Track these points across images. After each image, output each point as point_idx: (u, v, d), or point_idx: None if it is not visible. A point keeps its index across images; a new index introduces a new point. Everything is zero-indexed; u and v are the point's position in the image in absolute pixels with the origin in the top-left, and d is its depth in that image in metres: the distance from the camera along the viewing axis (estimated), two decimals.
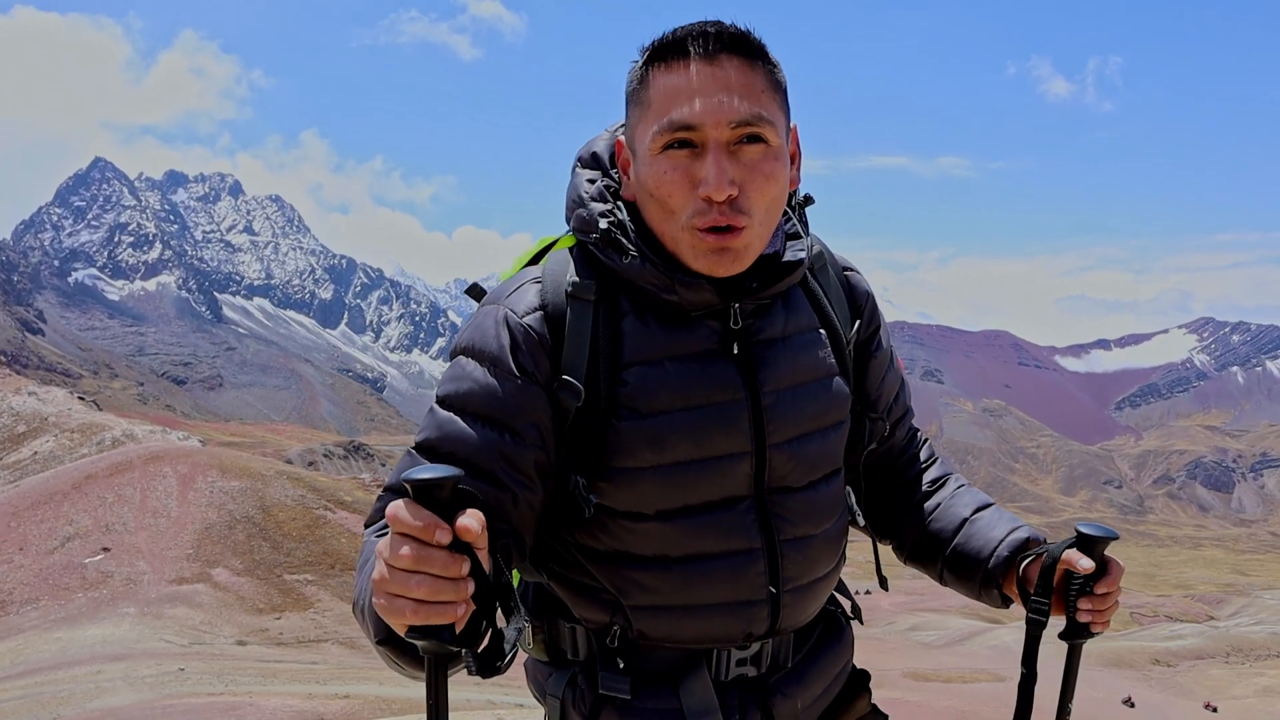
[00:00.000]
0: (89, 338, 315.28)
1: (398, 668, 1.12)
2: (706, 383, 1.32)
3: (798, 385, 1.38)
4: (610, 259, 1.33)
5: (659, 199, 1.28)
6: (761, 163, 1.26)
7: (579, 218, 1.38)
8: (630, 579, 1.34)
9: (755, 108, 1.24)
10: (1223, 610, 79.14)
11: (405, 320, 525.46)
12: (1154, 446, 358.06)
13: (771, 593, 1.37)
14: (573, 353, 1.30)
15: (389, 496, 1.24)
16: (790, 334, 1.39)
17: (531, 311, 1.32)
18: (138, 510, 29.10)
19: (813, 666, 1.47)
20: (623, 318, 1.34)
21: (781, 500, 1.38)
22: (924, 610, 64.04)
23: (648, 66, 1.29)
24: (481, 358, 1.30)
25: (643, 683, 1.37)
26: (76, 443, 40.44)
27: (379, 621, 1.07)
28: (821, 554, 1.43)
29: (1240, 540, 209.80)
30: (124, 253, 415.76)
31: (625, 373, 1.31)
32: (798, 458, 1.38)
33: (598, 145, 1.46)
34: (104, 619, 22.47)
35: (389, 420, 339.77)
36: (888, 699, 30.02)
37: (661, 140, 1.26)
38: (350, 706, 13.22)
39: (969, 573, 1.52)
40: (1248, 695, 42.45)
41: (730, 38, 1.26)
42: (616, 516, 1.33)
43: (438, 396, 1.32)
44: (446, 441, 1.26)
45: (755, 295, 1.34)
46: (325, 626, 24.62)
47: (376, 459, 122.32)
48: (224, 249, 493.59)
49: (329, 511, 31.43)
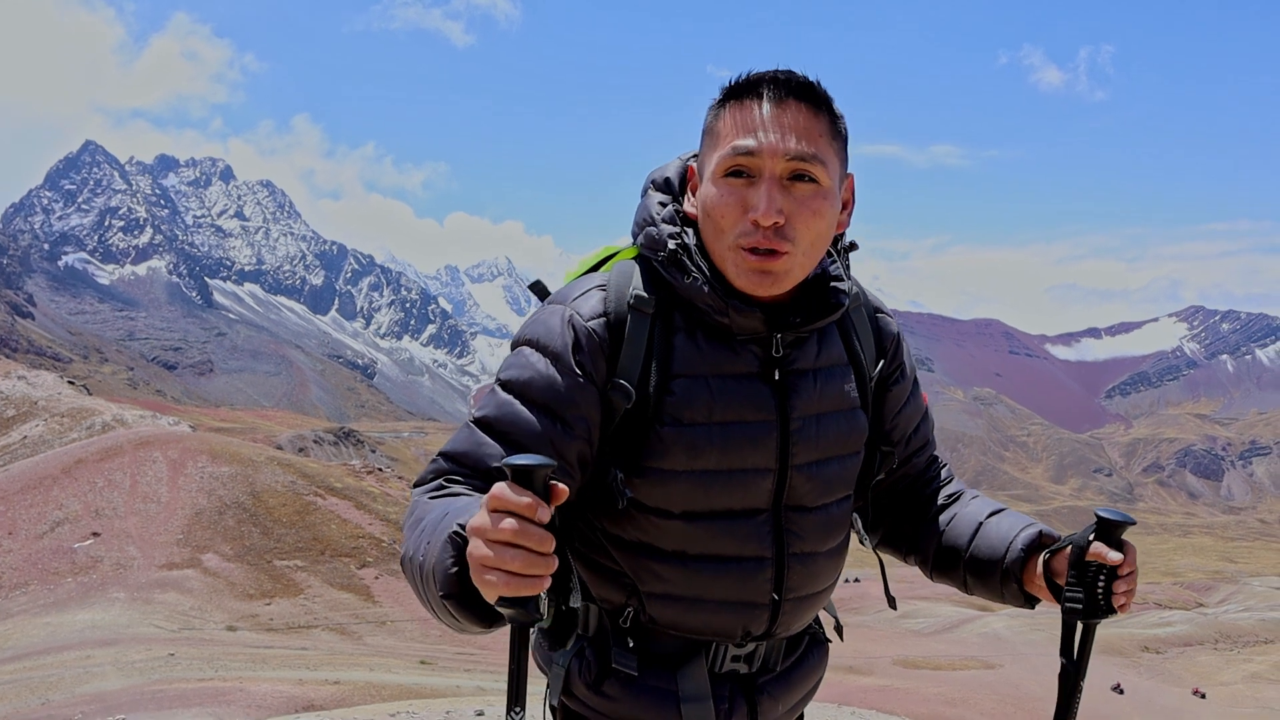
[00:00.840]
0: (79, 322, 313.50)
1: (455, 623, 1.20)
2: (743, 402, 1.47)
3: (823, 414, 1.53)
4: (673, 277, 1.47)
5: (713, 218, 1.43)
6: (810, 199, 1.41)
7: (649, 235, 1.52)
8: (649, 568, 1.49)
9: (811, 148, 1.40)
10: (1211, 597, 79.62)
11: (396, 307, 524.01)
12: (1144, 434, 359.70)
13: (774, 599, 1.52)
14: (628, 359, 1.45)
15: (442, 461, 1.42)
16: (821, 366, 1.54)
17: (596, 317, 1.46)
18: (128, 495, 28.97)
19: (797, 673, 1.63)
20: (676, 333, 1.48)
21: (796, 517, 1.52)
22: (914, 598, 64.19)
23: (723, 104, 1.46)
24: (545, 351, 1.44)
25: (646, 663, 1.52)
26: (66, 427, 40.22)
27: (448, 577, 1.15)
28: (823, 570, 1.59)
29: (1229, 528, 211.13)
30: (114, 237, 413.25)
31: (673, 383, 1.46)
32: (816, 479, 1.53)
33: (669, 171, 1.61)
34: (93, 604, 22.39)
35: (379, 407, 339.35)
36: (878, 686, 30.08)
37: (724, 166, 1.42)
38: (340, 692, 13.17)
39: (988, 574, 1.60)
40: (1235, 681, 42.75)
41: (799, 85, 1.43)
42: (645, 511, 1.47)
43: (500, 380, 1.46)
44: (503, 421, 1.41)
45: (797, 329, 1.48)
46: (315, 612, 24.58)
47: (366, 445, 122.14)
48: (215, 234, 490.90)
49: (319, 498, 31.35)
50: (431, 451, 70.69)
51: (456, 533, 1.15)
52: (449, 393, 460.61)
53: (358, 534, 29.64)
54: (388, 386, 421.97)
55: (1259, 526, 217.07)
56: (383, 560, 28.45)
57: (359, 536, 29.49)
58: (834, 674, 30.16)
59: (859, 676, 30.84)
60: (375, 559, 28.43)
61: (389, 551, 29.02)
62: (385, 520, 31.07)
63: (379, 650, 21.23)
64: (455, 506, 1.26)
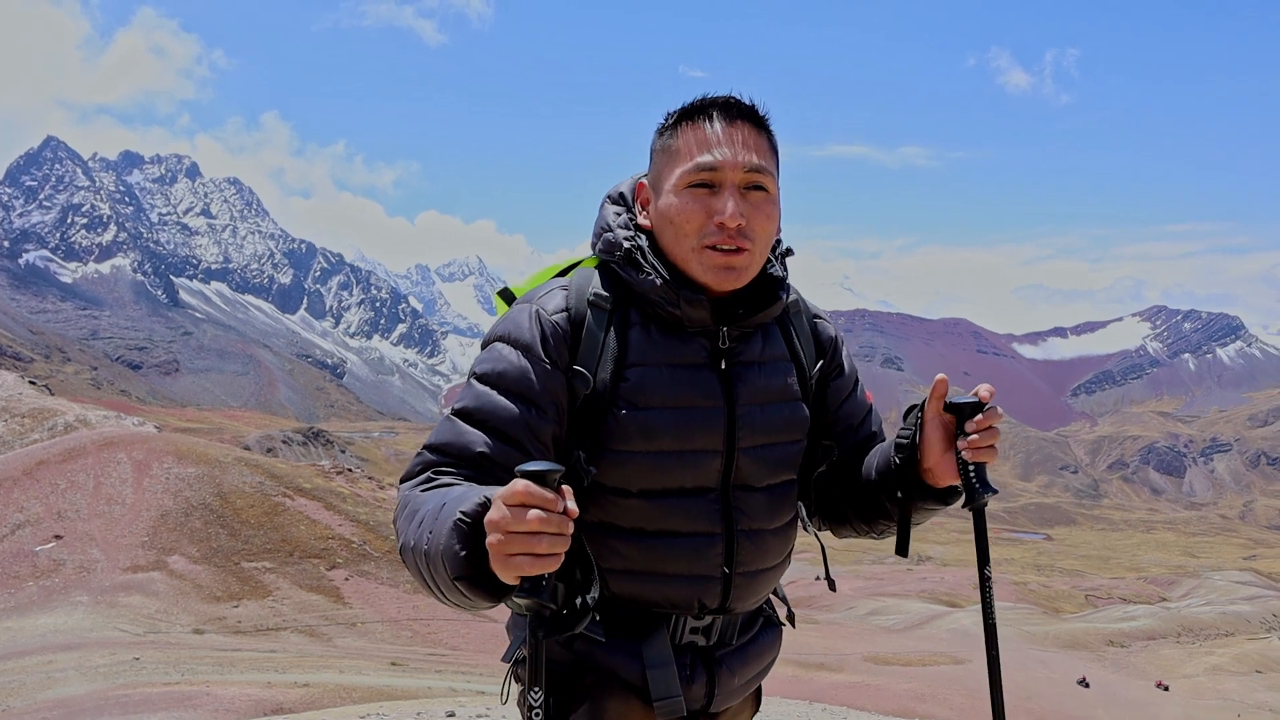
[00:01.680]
0: (40, 320, 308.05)
1: (466, 601, 1.35)
2: (694, 389, 1.66)
3: (767, 403, 1.72)
4: (628, 275, 1.68)
5: (677, 225, 1.64)
6: (763, 205, 1.65)
7: (605, 240, 1.73)
8: (609, 546, 1.65)
9: (762, 161, 1.65)
10: (1174, 591, 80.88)
11: (365, 306, 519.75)
12: (1108, 432, 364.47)
13: (725, 573, 1.68)
14: (587, 349, 1.64)
15: (427, 454, 1.56)
16: (765, 360, 1.74)
17: (559, 311, 1.65)
18: (91, 497, 28.53)
19: (752, 649, 1.80)
20: (631, 326, 1.68)
21: (743, 496, 1.70)
22: (883, 595, 64.74)
23: (677, 125, 1.68)
24: (516, 344, 1.62)
25: (612, 631, 1.68)
26: (27, 428, 39.54)
27: (459, 561, 1.30)
28: (771, 547, 1.75)
29: (1191, 523, 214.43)
30: (77, 234, 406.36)
31: (628, 371, 1.64)
32: (760, 462, 1.71)
33: (624, 187, 1.82)
34: (56, 607, 22.02)
35: (349, 406, 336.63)
36: (848, 683, 30.19)
37: (688, 179, 1.63)
38: (309, 694, 13.06)
39: (891, 485, 1.75)
40: (1198, 674, 43.49)
41: (745, 108, 1.67)
42: (605, 492, 1.64)
43: (475, 373, 1.63)
44: (482, 410, 1.57)
45: (741, 322, 1.69)
46: (284, 614, 24.34)
47: (336, 445, 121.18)
48: (181, 232, 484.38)
49: (288, 499, 31.04)
50: (402, 451, 71.09)
51: (461, 520, 1.30)
52: (420, 392, 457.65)
53: (327, 535, 29.38)
54: (357, 386, 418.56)
55: (1220, 522, 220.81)
56: (352, 561, 28.23)
57: (328, 537, 29.24)
58: (805, 671, 30.31)
59: (829, 673, 31.03)
60: (345, 560, 28.20)
61: (359, 553, 28.79)
62: (355, 521, 30.82)
63: (349, 652, 21.05)
64: (451, 496, 1.39)
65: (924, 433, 1.70)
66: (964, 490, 1.66)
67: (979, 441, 1.64)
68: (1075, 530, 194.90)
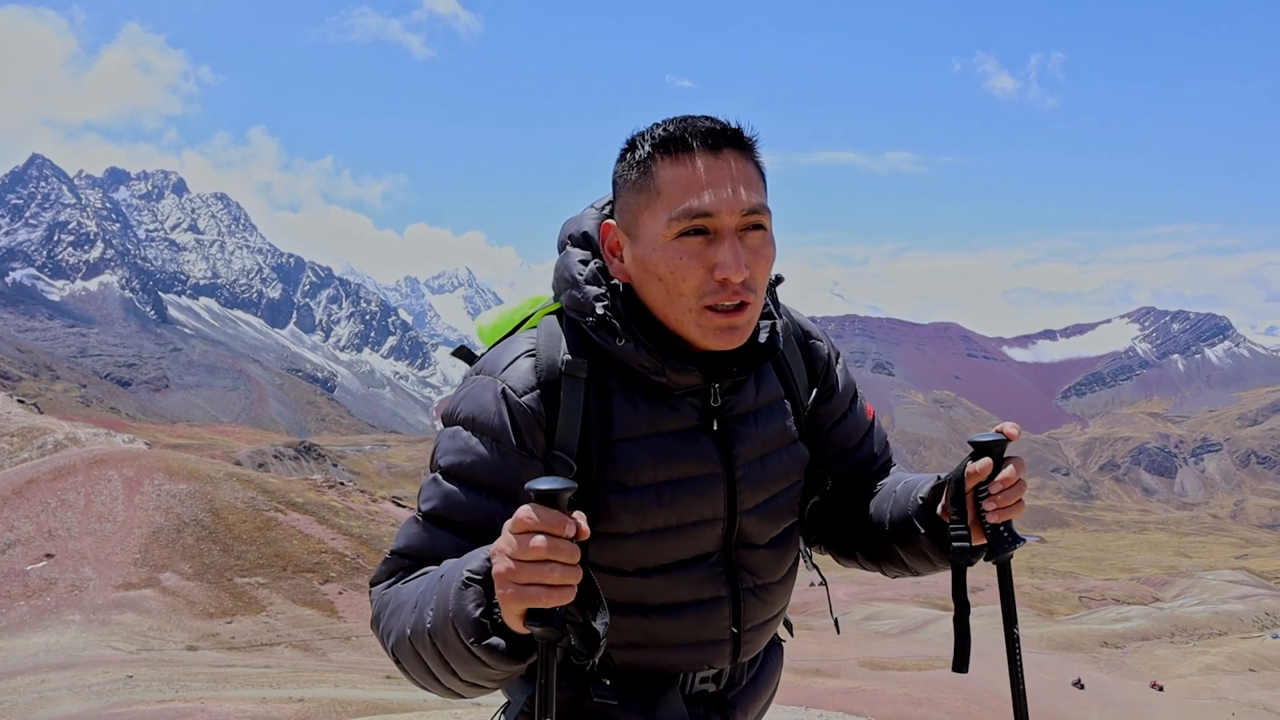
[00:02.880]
0: (28, 339, 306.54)
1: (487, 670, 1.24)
2: (687, 457, 1.47)
3: (766, 455, 1.54)
4: (604, 341, 1.44)
5: (669, 283, 1.39)
6: (762, 247, 1.41)
7: (572, 298, 1.47)
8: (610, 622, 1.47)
9: (758, 197, 1.40)
10: (1167, 592, 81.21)
11: (355, 319, 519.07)
12: (1099, 434, 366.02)
13: (734, 633, 1.56)
14: (566, 430, 1.42)
15: (395, 560, 1.41)
16: (760, 406, 1.55)
17: (529, 390, 1.42)
18: (82, 515, 28.40)
19: (761, 679, 1.69)
20: (612, 394, 1.46)
21: (746, 554, 1.55)
22: (879, 600, 64.78)
23: (652, 159, 1.40)
24: (483, 432, 1.40)
25: (623, 692, 1.55)
26: (17, 447, 39.39)
27: (473, 622, 1.20)
28: (777, 597, 1.63)
29: (1183, 523, 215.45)
30: (64, 252, 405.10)
31: (614, 448, 1.44)
32: (763, 519, 1.55)
33: (586, 224, 1.55)
34: (48, 627, 21.91)
35: (340, 420, 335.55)
36: (844, 688, 30.12)
37: (677, 228, 1.37)
38: (304, 710, 13.02)
39: (910, 537, 1.59)
40: (1192, 674, 43.66)
41: (730, 134, 1.41)
42: (599, 570, 1.45)
43: (441, 467, 1.42)
44: (453, 511, 1.39)
45: (735, 377, 1.48)
46: (278, 630, 24.25)
47: (328, 459, 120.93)
48: (168, 248, 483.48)
49: (280, 513, 30.95)
50: (394, 464, 70.88)
51: (470, 578, 1.20)
52: (411, 405, 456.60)
53: (320, 549, 29.30)
54: (348, 399, 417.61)
55: (1211, 521, 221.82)
56: (346, 575, 28.15)
57: (321, 552, 29.16)
58: (800, 677, 30.30)
59: (825, 679, 31.01)
60: (338, 574, 28.13)
61: (352, 566, 28.73)
62: (348, 535, 30.75)
63: (344, 666, 20.99)
64: (445, 568, 1.29)
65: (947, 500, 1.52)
66: (989, 542, 1.46)
67: (1005, 500, 1.44)
68: (1068, 532, 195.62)
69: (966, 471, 1.46)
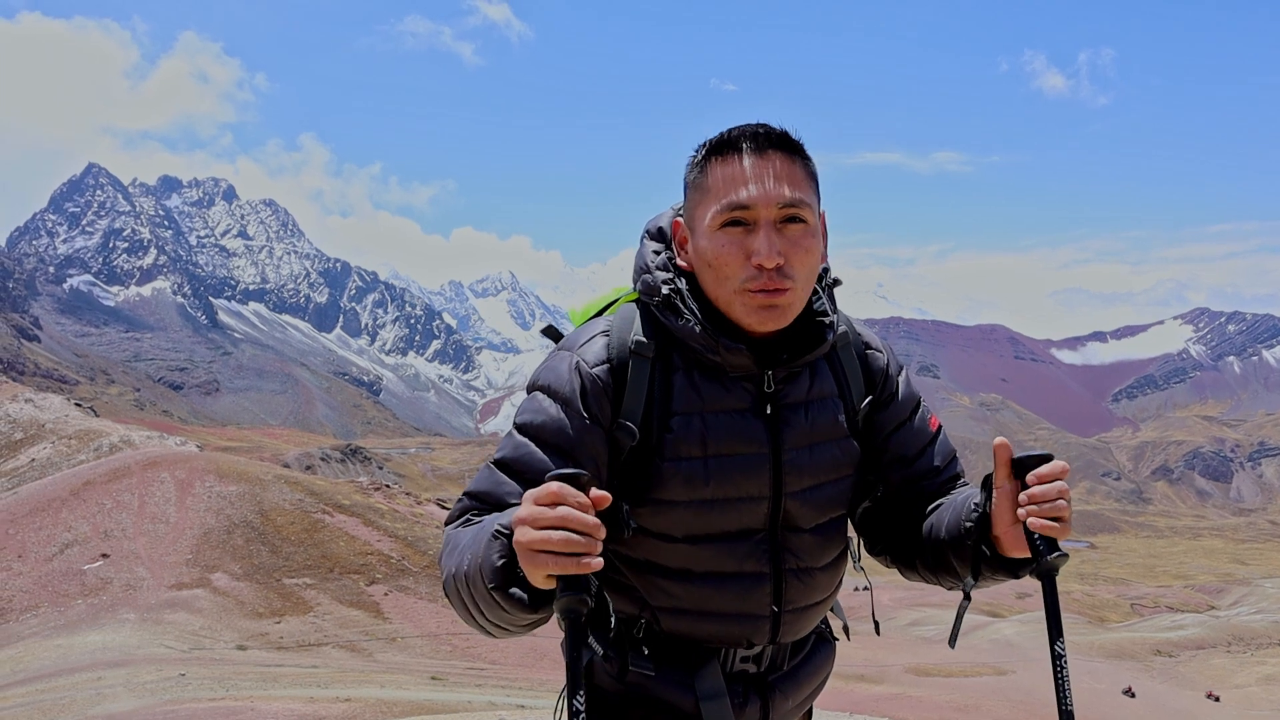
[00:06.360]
0: (85, 344, 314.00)
1: (506, 615, 1.36)
2: (738, 436, 1.61)
3: (814, 444, 1.67)
4: (668, 320, 1.62)
5: (715, 268, 1.57)
6: (802, 238, 1.56)
7: (644, 282, 1.68)
8: (656, 585, 1.65)
9: (797, 193, 1.55)
10: (1223, 600, 79.27)
11: (400, 323, 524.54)
12: (1151, 438, 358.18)
13: (774, 611, 1.66)
14: (632, 401, 1.60)
15: (466, 500, 1.57)
16: (813, 399, 1.67)
17: (600, 363, 1.60)
18: (136, 516, 29.01)
19: (805, 670, 1.76)
20: (674, 372, 1.62)
21: (791, 536, 1.66)
22: (925, 605, 63.94)
23: (707, 160, 1.60)
24: (556, 396, 1.59)
25: (663, 664, 1.66)
26: (74, 449, 40.33)
27: (495, 570, 1.32)
28: (819, 583, 1.71)
29: (1239, 529, 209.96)
30: (119, 258, 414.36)
31: (671, 420, 1.60)
32: (808, 504, 1.66)
33: (663, 221, 1.75)
34: (104, 625, 22.39)
35: (385, 423, 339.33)
36: (889, 694, 29.87)
37: (720, 219, 1.56)
38: (351, 710, 13.17)
39: (963, 552, 1.64)
40: (1250, 684, 42.48)
41: (776, 136, 1.58)
42: (650, 535, 1.62)
43: (516, 423, 1.61)
44: (520, 462, 1.55)
45: (786, 364, 1.63)
46: (325, 630, 24.56)
47: (374, 462, 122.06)
48: (219, 254, 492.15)
49: (327, 515, 31.36)
50: (439, 467, 71.53)
51: (499, 530, 1.34)
52: (455, 408, 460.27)
53: (366, 551, 29.63)
54: (394, 403, 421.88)
55: (1269, 528, 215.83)
56: (392, 577, 28.43)
57: (367, 553, 29.48)
58: (845, 682, 30.05)
59: (870, 685, 30.73)
60: (384, 575, 28.41)
61: (398, 568, 29.01)
62: (393, 537, 31.06)
63: (389, 667, 21.20)
64: (488, 519, 1.43)
65: (994, 502, 1.57)
66: (1031, 553, 1.48)
67: (1045, 511, 1.47)
68: (1119, 538, 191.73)
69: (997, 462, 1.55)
